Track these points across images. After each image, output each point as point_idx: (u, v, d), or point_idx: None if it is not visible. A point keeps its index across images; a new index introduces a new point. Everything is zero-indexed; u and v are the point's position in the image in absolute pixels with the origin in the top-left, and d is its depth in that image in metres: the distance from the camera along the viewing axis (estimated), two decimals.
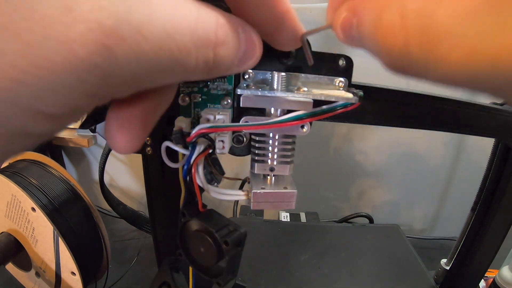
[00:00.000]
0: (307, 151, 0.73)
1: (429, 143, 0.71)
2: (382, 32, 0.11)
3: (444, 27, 0.09)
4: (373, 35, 0.11)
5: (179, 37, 0.11)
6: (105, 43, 0.09)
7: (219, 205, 0.77)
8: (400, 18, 0.10)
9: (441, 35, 0.09)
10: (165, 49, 0.10)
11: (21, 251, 0.44)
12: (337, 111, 0.20)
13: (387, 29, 0.10)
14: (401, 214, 0.78)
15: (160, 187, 0.30)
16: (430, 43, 0.09)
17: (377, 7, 0.11)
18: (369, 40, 0.12)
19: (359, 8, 0.12)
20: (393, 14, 0.10)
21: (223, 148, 0.21)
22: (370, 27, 0.11)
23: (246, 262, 0.45)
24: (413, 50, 0.10)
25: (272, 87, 0.21)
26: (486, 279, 0.48)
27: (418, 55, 0.10)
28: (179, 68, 0.11)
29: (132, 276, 0.55)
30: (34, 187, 0.41)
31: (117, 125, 0.13)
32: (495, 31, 0.08)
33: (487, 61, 0.09)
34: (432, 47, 0.09)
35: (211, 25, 0.12)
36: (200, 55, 0.12)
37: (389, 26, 0.10)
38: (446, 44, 0.09)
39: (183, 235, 0.21)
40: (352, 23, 0.12)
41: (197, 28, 0.11)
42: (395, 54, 0.10)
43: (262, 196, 0.22)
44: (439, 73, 0.10)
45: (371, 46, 0.12)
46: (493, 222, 0.37)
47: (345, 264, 0.47)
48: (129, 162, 0.78)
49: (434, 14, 0.09)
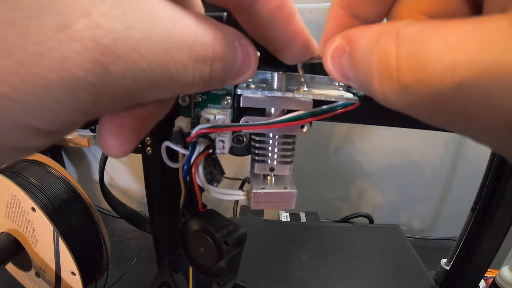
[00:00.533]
0: (307, 151, 0.73)
1: (429, 143, 0.71)
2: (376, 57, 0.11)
3: (436, 58, 0.09)
4: (366, 60, 0.11)
5: (177, 53, 0.10)
6: (101, 61, 0.09)
7: (219, 205, 0.77)
8: (395, 44, 0.10)
9: (432, 65, 0.09)
10: (162, 66, 0.10)
11: (21, 251, 0.44)
12: (337, 111, 0.20)
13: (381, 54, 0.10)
14: (401, 214, 0.78)
15: (160, 187, 0.30)
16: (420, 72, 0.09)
17: (374, 34, 0.11)
18: (360, 66, 0.12)
19: (355, 35, 0.12)
20: (389, 38, 0.10)
21: (223, 148, 0.21)
22: (364, 52, 0.11)
23: (246, 262, 0.45)
24: (404, 79, 0.10)
25: (272, 87, 0.21)
26: (486, 279, 0.48)
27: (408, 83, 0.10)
28: (175, 83, 0.11)
29: (132, 276, 0.55)
30: (34, 187, 0.41)
31: (109, 130, 0.13)
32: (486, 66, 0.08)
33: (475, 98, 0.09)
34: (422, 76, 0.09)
35: (209, 40, 0.12)
36: (197, 71, 0.11)
37: (383, 51, 0.10)
38: (436, 75, 0.09)
39: (183, 235, 0.21)
40: (345, 50, 0.12)
41: (195, 43, 0.11)
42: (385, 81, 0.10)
43: (262, 196, 0.22)
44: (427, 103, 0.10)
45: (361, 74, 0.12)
46: (493, 222, 0.37)
47: (345, 264, 0.47)
48: (129, 162, 0.78)
49: (427, 41, 0.09)
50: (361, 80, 0.12)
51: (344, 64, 0.13)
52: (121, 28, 0.09)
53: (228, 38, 0.12)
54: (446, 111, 0.10)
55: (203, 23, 0.12)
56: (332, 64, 0.13)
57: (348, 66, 0.12)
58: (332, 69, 0.13)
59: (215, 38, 0.12)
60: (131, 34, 0.09)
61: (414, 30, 0.10)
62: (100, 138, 0.13)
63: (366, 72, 0.11)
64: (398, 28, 0.10)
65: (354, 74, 0.12)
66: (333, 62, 0.13)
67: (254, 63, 0.14)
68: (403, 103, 0.10)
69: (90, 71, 0.09)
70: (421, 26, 0.10)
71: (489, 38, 0.08)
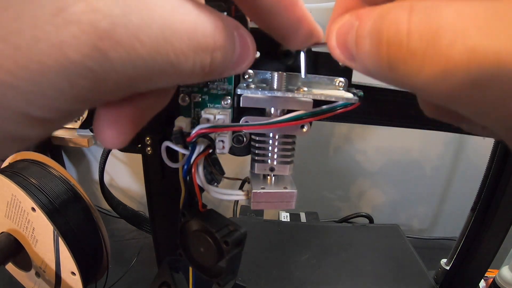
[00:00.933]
0: (307, 151, 0.72)
1: (429, 143, 0.71)
2: (386, 25, 0.10)
3: (448, 23, 0.09)
4: (375, 29, 0.11)
5: (177, 42, 0.10)
6: (99, 46, 0.09)
7: (219, 205, 0.77)
8: (407, 13, 0.10)
9: (444, 29, 0.09)
10: (162, 54, 0.10)
11: (21, 251, 0.44)
12: (337, 111, 0.21)
13: (392, 22, 0.10)
14: (401, 214, 0.78)
15: (160, 187, 0.30)
16: (431, 35, 0.09)
17: (385, 8, 0.11)
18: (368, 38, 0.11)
19: (365, 12, 0.12)
20: (402, 9, 0.10)
21: (223, 148, 0.21)
22: (374, 23, 0.11)
23: (246, 262, 0.45)
24: (414, 43, 0.10)
25: (272, 87, 0.21)
26: (486, 279, 0.48)
27: (417, 48, 0.10)
28: (175, 72, 0.11)
29: (132, 276, 0.55)
30: (34, 187, 0.41)
31: (106, 119, 0.12)
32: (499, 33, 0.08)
33: (488, 61, 0.09)
34: (432, 40, 0.09)
35: (209, 29, 0.11)
36: (198, 60, 0.11)
37: (395, 18, 0.10)
38: (447, 39, 0.09)
39: (183, 235, 0.21)
40: (353, 26, 0.12)
41: (195, 32, 0.11)
42: (394, 47, 0.10)
43: (262, 196, 0.22)
44: (436, 71, 0.09)
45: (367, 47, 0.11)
46: (493, 222, 0.37)
47: (345, 264, 0.47)
48: (129, 162, 0.78)
49: (440, 11, 0.09)
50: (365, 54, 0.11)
51: (349, 39, 0.12)
52: (119, 13, 0.09)
53: (227, 27, 0.12)
54: (457, 78, 0.09)
55: (204, 12, 0.12)
56: (336, 40, 0.13)
57: (353, 41, 0.12)
58: (336, 46, 0.13)
59: (216, 27, 0.12)
60: (129, 20, 0.09)
61: (428, 3, 0.10)
62: (96, 128, 0.13)
63: (374, 41, 0.11)
64: (411, 1, 0.10)
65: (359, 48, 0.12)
66: (338, 38, 0.13)
67: (252, 53, 0.14)
68: (412, 70, 0.10)
69: (88, 56, 0.09)
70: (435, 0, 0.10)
71: (502, 9, 0.08)
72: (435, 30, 0.09)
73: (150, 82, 0.11)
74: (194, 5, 0.11)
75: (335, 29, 0.13)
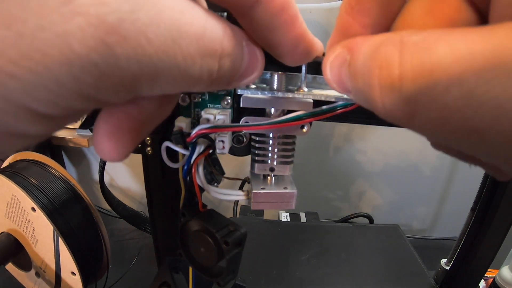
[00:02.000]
0: (307, 151, 0.73)
1: (429, 143, 0.71)
2: (377, 64, 0.10)
3: (442, 65, 0.08)
4: (366, 68, 0.10)
5: (185, 44, 0.10)
6: (105, 40, 0.09)
7: (219, 205, 0.77)
8: (398, 51, 0.09)
9: (438, 73, 0.08)
10: (170, 55, 0.10)
11: (21, 251, 0.44)
12: (337, 111, 0.20)
13: (383, 61, 0.10)
14: (401, 214, 0.78)
15: (160, 187, 0.30)
16: (424, 81, 0.09)
17: (376, 42, 0.10)
18: (360, 76, 0.11)
19: (357, 44, 0.12)
20: (393, 46, 0.10)
21: (223, 148, 0.21)
22: (365, 61, 0.11)
23: (246, 262, 0.45)
24: (406, 89, 0.09)
25: (272, 87, 0.21)
26: (486, 279, 0.48)
27: (411, 94, 0.09)
28: (181, 77, 0.11)
29: (132, 276, 0.55)
30: (34, 187, 0.41)
31: (106, 130, 0.12)
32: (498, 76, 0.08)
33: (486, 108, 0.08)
34: (426, 86, 0.09)
35: (218, 35, 0.11)
36: (205, 65, 0.11)
37: (386, 58, 0.10)
38: (441, 85, 0.08)
39: (183, 235, 0.21)
40: (345, 60, 0.12)
41: (204, 36, 0.11)
42: (387, 91, 0.10)
43: (262, 196, 0.22)
44: (431, 118, 0.09)
45: (360, 84, 0.11)
46: (493, 222, 0.37)
47: (345, 264, 0.47)
48: (129, 162, 0.78)
49: (432, 48, 0.09)
50: (360, 91, 0.11)
51: (343, 74, 0.12)
52: (128, 9, 0.09)
53: (236, 36, 0.12)
54: (452, 125, 0.09)
55: (213, 18, 0.11)
56: (331, 74, 0.13)
57: (347, 77, 0.12)
58: (331, 79, 0.13)
59: (224, 34, 0.12)
60: (138, 17, 0.09)
61: (419, 38, 0.09)
62: (95, 139, 0.12)
63: (366, 82, 0.10)
64: (402, 36, 0.10)
65: (353, 85, 0.12)
66: (332, 72, 0.13)
67: (261, 64, 0.14)
68: (405, 115, 0.10)
69: (93, 50, 0.09)
70: (427, 34, 0.09)
71: (500, 46, 0.08)
72: (428, 74, 0.09)
73: (154, 84, 0.11)
74: (203, 10, 0.11)
75: (329, 62, 0.13)
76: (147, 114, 0.13)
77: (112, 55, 0.09)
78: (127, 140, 0.12)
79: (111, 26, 0.09)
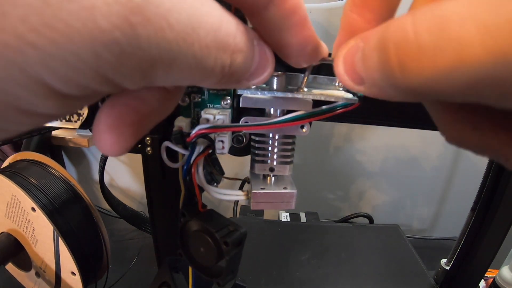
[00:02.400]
0: (307, 151, 0.73)
1: (429, 143, 0.71)
2: (390, 33, 0.10)
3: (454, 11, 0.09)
4: (381, 40, 0.10)
5: (203, 33, 0.10)
6: (129, 19, 0.09)
7: (219, 205, 0.77)
8: (411, 16, 0.09)
9: (451, 17, 0.09)
10: (188, 42, 0.10)
11: (21, 251, 0.44)
12: (337, 111, 0.20)
13: (396, 28, 0.10)
14: (401, 214, 0.78)
15: (160, 187, 0.30)
16: (439, 26, 0.09)
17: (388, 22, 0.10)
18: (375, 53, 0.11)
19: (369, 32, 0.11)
20: (405, 16, 0.10)
21: (223, 148, 0.21)
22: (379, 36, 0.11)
23: (246, 262, 0.45)
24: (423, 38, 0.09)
25: (272, 87, 0.21)
26: (486, 279, 0.48)
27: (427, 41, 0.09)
28: (196, 67, 0.11)
29: (132, 276, 0.55)
30: (34, 187, 0.41)
31: (107, 123, 0.12)
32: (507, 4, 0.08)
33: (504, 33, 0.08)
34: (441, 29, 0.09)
35: (232, 29, 0.11)
36: (219, 58, 0.11)
37: (399, 25, 0.10)
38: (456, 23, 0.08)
39: (183, 235, 0.21)
40: (358, 47, 0.12)
41: (220, 28, 0.11)
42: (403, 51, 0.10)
43: (262, 196, 0.22)
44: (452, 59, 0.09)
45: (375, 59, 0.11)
46: (493, 222, 0.37)
47: (345, 264, 0.47)
48: (129, 162, 0.78)
49: (443, 5, 0.09)
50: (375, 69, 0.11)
51: (357, 61, 0.12)
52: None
53: (248, 34, 0.12)
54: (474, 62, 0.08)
55: (226, 12, 0.12)
56: (344, 65, 0.13)
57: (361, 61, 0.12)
58: (343, 71, 0.13)
59: (238, 29, 0.12)
60: (162, 1, 0.09)
61: (428, 5, 0.09)
62: (96, 132, 0.12)
63: (382, 52, 0.10)
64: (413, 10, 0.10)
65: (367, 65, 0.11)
66: (345, 62, 0.13)
67: (271, 65, 0.14)
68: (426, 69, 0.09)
69: (117, 27, 0.08)
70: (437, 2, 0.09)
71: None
72: (441, 21, 0.09)
73: (169, 72, 0.11)
74: (219, 4, 0.11)
75: (342, 55, 0.13)
76: (150, 109, 0.13)
77: (134, 35, 0.09)
78: (128, 133, 0.12)
79: (137, 5, 0.09)
